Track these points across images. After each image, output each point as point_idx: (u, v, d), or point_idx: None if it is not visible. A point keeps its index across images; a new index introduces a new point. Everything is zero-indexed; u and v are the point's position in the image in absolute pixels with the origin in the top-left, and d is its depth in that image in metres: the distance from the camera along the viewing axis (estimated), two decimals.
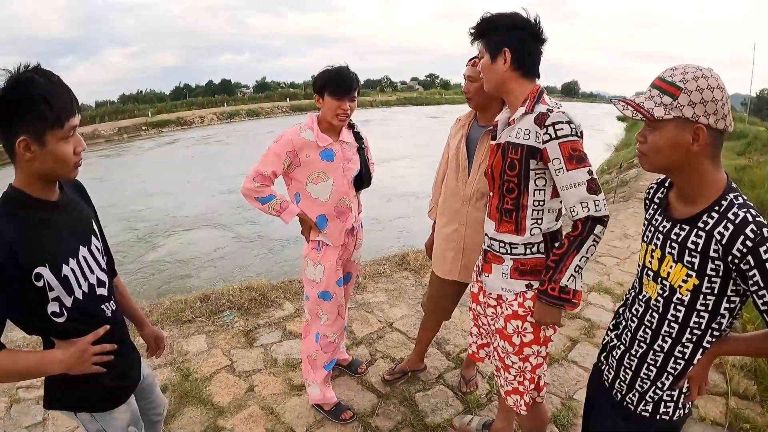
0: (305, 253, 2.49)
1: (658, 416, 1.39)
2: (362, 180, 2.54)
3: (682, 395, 1.37)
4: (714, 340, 1.30)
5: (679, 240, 1.27)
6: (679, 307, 1.29)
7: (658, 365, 1.36)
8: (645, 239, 1.42)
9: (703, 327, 1.27)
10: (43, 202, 1.31)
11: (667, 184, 1.43)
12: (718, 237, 1.18)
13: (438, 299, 2.66)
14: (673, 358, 1.33)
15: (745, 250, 1.13)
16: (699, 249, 1.22)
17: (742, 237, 1.13)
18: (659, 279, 1.33)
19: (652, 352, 1.37)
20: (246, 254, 8.91)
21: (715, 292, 1.23)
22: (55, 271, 1.29)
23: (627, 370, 1.44)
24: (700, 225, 1.22)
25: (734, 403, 2.79)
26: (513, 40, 1.71)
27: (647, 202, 1.50)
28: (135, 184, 15.27)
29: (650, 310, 1.36)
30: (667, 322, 1.32)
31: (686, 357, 1.32)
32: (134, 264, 8.44)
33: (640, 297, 1.42)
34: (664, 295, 1.32)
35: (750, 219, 1.15)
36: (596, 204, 1.60)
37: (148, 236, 10.31)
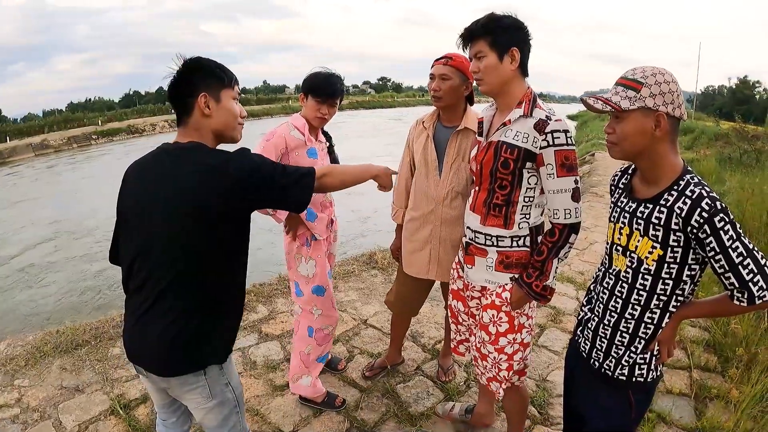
0: (294, 251, 2.53)
1: (633, 379, 1.53)
2: None
3: (654, 358, 1.51)
4: (679, 305, 1.45)
5: (644, 217, 1.42)
6: (646, 276, 1.43)
7: (630, 331, 1.50)
8: (612, 219, 1.57)
9: (668, 293, 1.43)
10: None
11: (630, 171, 1.59)
12: (678, 211, 1.33)
13: (409, 299, 2.70)
14: (643, 324, 1.48)
15: (701, 221, 1.29)
16: (662, 223, 1.37)
17: (699, 209, 1.30)
18: (628, 253, 1.47)
19: (623, 320, 1.51)
20: None
21: (678, 260, 1.38)
22: None
23: (602, 339, 1.57)
24: (662, 202, 1.38)
25: (697, 375, 3.01)
26: (519, 40, 1.76)
27: (612, 187, 1.66)
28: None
29: (620, 282, 1.51)
30: (636, 290, 1.47)
31: (655, 322, 1.47)
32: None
33: (611, 271, 1.55)
34: (633, 266, 1.46)
35: (705, 194, 1.31)
36: (576, 211, 1.77)
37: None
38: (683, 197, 1.34)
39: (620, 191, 1.59)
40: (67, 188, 15.46)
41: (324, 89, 2.36)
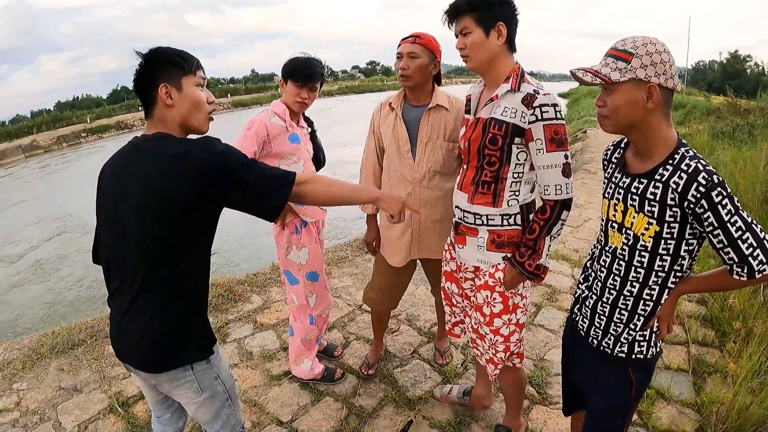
0: (284, 241, 2.51)
1: (633, 356, 1.51)
2: (319, 161, 2.71)
3: (653, 335, 1.49)
4: (677, 280, 1.42)
5: (639, 192, 1.38)
6: (643, 253, 1.40)
7: (629, 309, 1.47)
8: (606, 195, 1.53)
9: (666, 269, 1.39)
10: None
11: (623, 145, 1.54)
12: (674, 186, 1.29)
13: (391, 290, 2.62)
14: (642, 301, 1.45)
15: (698, 195, 1.25)
16: (657, 199, 1.33)
17: (695, 184, 1.25)
18: (623, 229, 1.44)
19: (622, 297, 1.48)
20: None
21: (675, 236, 1.34)
22: None
23: (601, 317, 1.54)
24: (657, 177, 1.34)
25: (695, 350, 3.00)
26: (506, 15, 1.72)
27: (605, 162, 1.61)
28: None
29: (617, 259, 1.47)
30: (633, 268, 1.43)
31: (654, 298, 1.44)
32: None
33: (607, 248, 1.52)
34: (629, 243, 1.42)
35: (701, 168, 1.26)
36: (567, 187, 1.73)
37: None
38: (679, 171, 1.29)
39: (613, 166, 1.54)
40: (64, 186, 15.52)
41: (303, 72, 2.35)
